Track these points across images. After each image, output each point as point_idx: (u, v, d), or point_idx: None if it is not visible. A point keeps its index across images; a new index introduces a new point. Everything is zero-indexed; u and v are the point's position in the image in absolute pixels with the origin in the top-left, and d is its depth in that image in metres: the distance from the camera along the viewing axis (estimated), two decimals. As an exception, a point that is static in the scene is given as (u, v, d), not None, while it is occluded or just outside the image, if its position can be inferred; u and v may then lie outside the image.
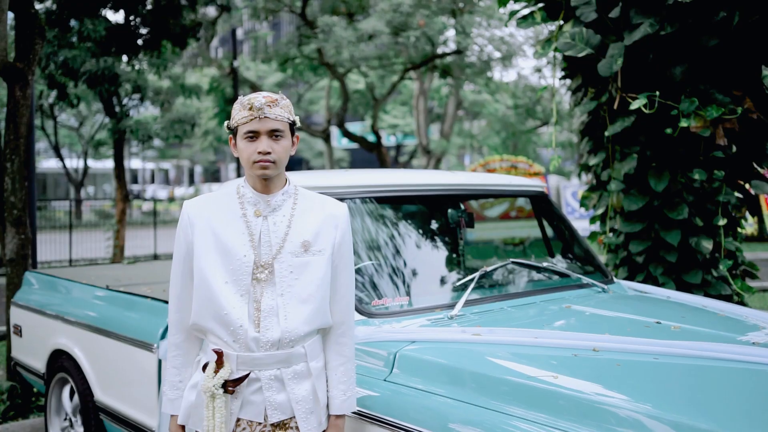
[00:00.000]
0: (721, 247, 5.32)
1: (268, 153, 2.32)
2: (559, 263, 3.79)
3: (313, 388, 2.39)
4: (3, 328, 7.55)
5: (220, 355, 2.32)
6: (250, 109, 2.32)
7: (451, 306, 3.03)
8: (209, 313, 2.35)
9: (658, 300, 3.56)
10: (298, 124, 2.47)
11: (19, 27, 5.55)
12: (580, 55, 5.33)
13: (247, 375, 2.33)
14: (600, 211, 5.76)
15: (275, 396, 2.35)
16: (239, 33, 36.96)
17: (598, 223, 5.89)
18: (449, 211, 3.48)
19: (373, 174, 3.54)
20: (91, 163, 34.68)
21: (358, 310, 2.89)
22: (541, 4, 5.98)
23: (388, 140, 34.26)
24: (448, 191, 3.56)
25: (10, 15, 5.66)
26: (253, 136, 2.33)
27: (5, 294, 5.78)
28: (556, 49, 5.62)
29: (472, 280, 3.15)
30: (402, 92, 30.50)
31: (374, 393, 2.59)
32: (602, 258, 5.64)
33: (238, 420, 2.36)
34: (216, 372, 2.31)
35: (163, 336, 3.54)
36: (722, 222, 5.20)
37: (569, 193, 18.71)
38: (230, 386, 2.31)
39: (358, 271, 2.99)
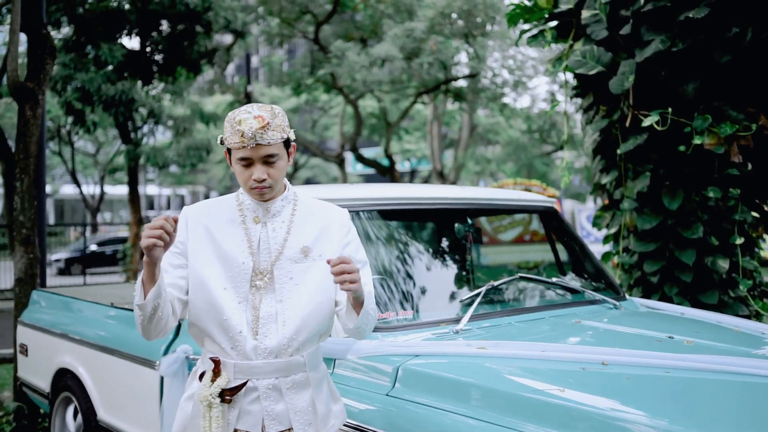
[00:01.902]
0: (739, 267, 5.21)
1: (264, 179, 2.27)
2: (570, 280, 3.70)
3: (311, 399, 2.33)
4: (11, 351, 7.53)
5: (217, 363, 2.28)
6: (242, 136, 2.20)
7: (457, 320, 2.96)
8: (209, 318, 2.30)
9: (671, 316, 3.47)
10: (293, 137, 2.38)
11: (30, 47, 5.59)
12: (591, 72, 5.29)
13: (244, 384, 2.28)
14: (613, 231, 5.67)
15: (273, 406, 2.29)
16: (255, 61, 37.34)
17: (611, 243, 5.80)
18: (456, 225, 3.42)
19: (380, 187, 3.50)
20: (108, 188, 34.98)
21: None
22: (551, 23, 5.96)
23: (403, 166, 34.28)
24: (455, 205, 3.50)
25: (22, 36, 5.69)
26: (247, 163, 2.27)
27: (14, 315, 5.75)
28: (566, 68, 5.59)
29: (478, 294, 3.08)
30: (416, 118, 30.58)
31: (376, 408, 2.52)
32: (616, 278, 5.54)
33: (236, 431, 2.31)
34: (213, 381, 2.26)
35: (165, 352, 3.49)
36: (739, 241, 5.10)
37: (584, 216, 18.59)
38: (227, 395, 2.26)
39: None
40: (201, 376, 2.32)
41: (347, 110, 24.03)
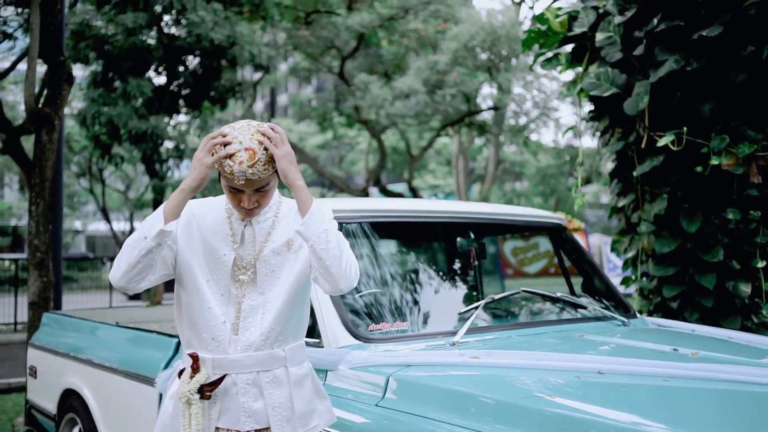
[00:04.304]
0: (762, 291, 5.04)
1: (253, 207, 2.27)
2: (577, 296, 3.60)
3: (290, 395, 2.30)
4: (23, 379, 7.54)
5: (195, 359, 2.26)
6: (231, 173, 2.16)
7: (455, 333, 2.88)
8: (195, 306, 2.30)
9: (680, 333, 3.35)
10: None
11: (49, 74, 5.70)
12: (606, 94, 5.23)
13: (222, 378, 2.26)
14: (631, 255, 5.54)
15: (251, 403, 2.27)
16: (284, 99, 37.84)
17: (631, 268, 5.66)
18: (458, 239, 3.35)
19: (384, 201, 3.46)
20: (137, 225, 35.38)
21: (354, 334, 2.77)
22: (566, 47, 5.93)
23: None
24: (459, 219, 3.43)
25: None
26: (237, 190, 2.24)
27: (26, 338, 5.76)
28: (581, 91, 5.54)
29: (477, 307, 3.00)
30: (443, 153, 30.61)
31: (365, 419, 2.44)
32: (634, 304, 5.41)
33: (218, 429, 2.28)
34: (192, 377, 2.25)
35: (165, 368, 3.45)
36: (761, 264, 4.94)
37: (610, 249, 18.25)
38: (207, 390, 2.24)
39: (359, 296, 2.88)
40: (180, 374, 2.30)
41: (372, 144, 24.17)
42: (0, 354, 11.79)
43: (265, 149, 2.17)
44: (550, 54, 6.00)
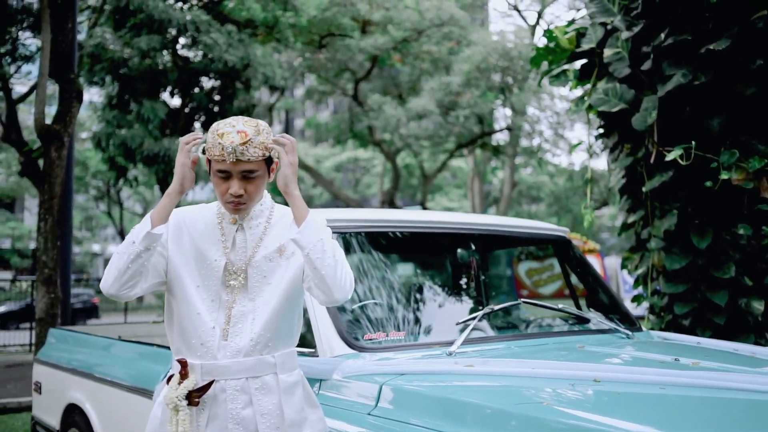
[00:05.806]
0: (775, 309, 4.94)
1: (241, 195, 2.26)
2: (583, 310, 3.54)
3: (279, 403, 2.27)
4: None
5: (184, 365, 2.25)
6: (222, 150, 2.19)
7: (453, 343, 2.83)
8: (184, 313, 2.29)
9: (684, 345, 3.28)
10: (276, 157, 2.32)
11: (59, 91, 5.76)
12: (614, 110, 5.20)
13: (210, 383, 2.24)
14: (641, 272, 5.47)
15: (240, 410, 2.25)
16: (300, 123, 38.07)
17: (641, 286, 5.59)
18: (459, 250, 3.32)
19: (382, 212, 3.43)
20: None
21: (349, 344, 2.73)
22: (575, 64, 5.91)
23: (445, 224, 34.14)
24: (459, 230, 3.40)
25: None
26: (226, 176, 2.25)
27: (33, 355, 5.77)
28: (589, 108, 5.51)
29: (475, 317, 2.95)
30: (458, 175, 30.60)
31: (357, 428, 2.40)
32: (646, 323, 5.33)
33: None
34: (180, 383, 2.23)
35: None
36: (774, 281, 4.85)
37: (627, 271, 18.07)
38: (195, 396, 2.22)
39: (355, 306, 2.85)
40: (169, 380, 2.28)
41: (386, 166, 24.23)
42: (13, 374, 11.83)
43: (257, 133, 2.21)
44: (558, 70, 5.98)
